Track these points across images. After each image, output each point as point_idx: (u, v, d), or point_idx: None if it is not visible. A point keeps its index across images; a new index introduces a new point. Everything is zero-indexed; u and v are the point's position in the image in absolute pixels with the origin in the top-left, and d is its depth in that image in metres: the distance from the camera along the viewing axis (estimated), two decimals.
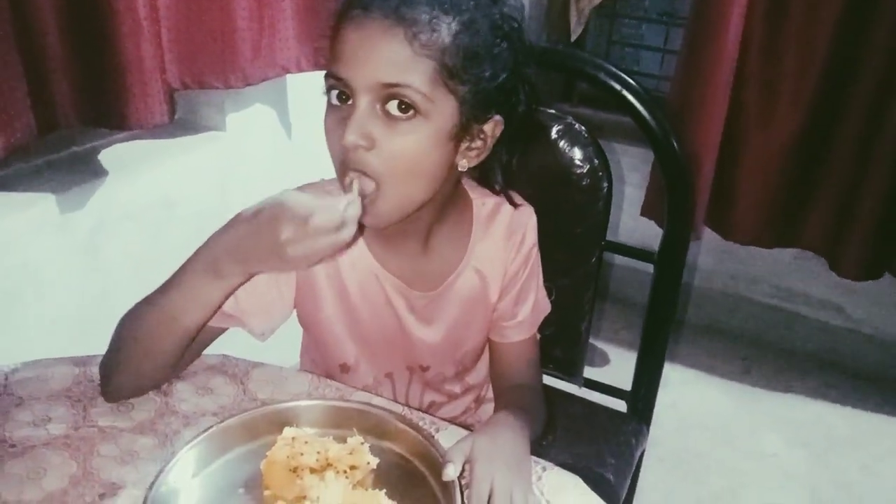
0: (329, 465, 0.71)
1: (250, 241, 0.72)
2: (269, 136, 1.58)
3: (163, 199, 1.36)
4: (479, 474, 0.70)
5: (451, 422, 0.85)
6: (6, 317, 1.13)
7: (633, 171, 2.20)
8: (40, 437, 0.77)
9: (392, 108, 0.74)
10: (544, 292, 1.02)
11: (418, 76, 0.73)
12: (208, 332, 0.85)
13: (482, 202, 0.94)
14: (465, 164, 0.83)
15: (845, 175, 1.82)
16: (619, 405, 1.28)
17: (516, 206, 0.95)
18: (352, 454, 0.72)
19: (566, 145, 1.09)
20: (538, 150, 1.08)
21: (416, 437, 0.76)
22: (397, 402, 0.90)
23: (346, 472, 0.70)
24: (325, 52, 0.80)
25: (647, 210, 2.02)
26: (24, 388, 0.83)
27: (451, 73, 0.74)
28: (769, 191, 1.92)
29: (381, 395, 0.92)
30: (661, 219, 1.15)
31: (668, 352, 1.22)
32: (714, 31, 1.74)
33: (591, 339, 1.23)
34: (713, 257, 2.30)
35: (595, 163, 1.09)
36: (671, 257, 1.15)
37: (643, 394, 1.25)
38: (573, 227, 1.13)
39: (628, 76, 1.06)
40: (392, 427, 0.77)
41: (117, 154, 1.33)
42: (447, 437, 0.79)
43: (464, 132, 0.79)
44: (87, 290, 1.25)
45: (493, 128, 0.82)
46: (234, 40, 1.28)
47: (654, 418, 1.27)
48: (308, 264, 0.74)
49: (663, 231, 1.14)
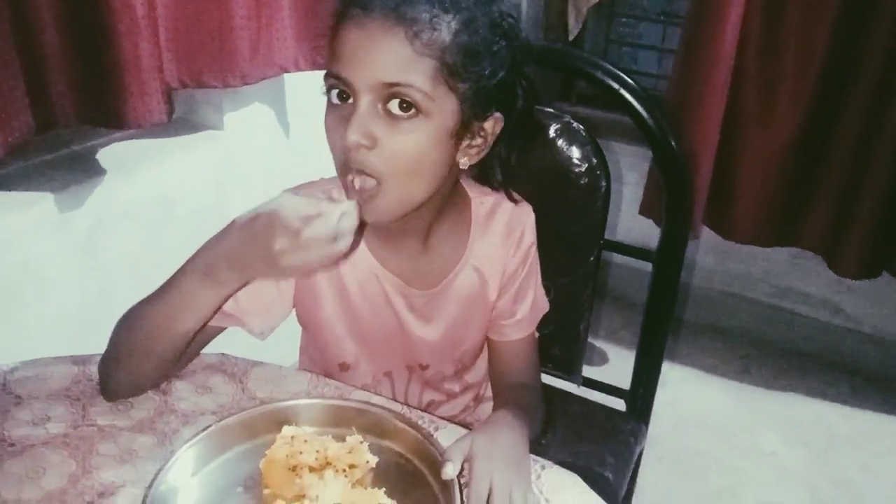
0: (328, 463, 0.71)
1: (245, 248, 0.71)
2: (267, 136, 1.58)
3: (161, 197, 1.36)
4: (478, 473, 0.70)
5: (450, 420, 0.85)
6: (5, 316, 1.13)
7: (631, 171, 2.20)
8: (39, 435, 0.77)
9: (393, 107, 0.74)
10: (542, 291, 1.02)
11: (419, 75, 0.73)
12: (207, 332, 0.85)
13: (481, 201, 0.94)
14: (465, 162, 0.83)
15: (844, 174, 1.82)
16: (618, 404, 1.28)
17: (516, 202, 0.95)
18: (351, 453, 0.72)
19: (564, 144, 1.09)
20: (537, 149, 1.08)
21: (415, 436, 0.76)
22: (396, 400, 0.90)
23: (345, 470, 0.71)
24: (324, 51, 0.80)
25: (646, 209, 2.02)
26: (24, 386, 0.83)
27: (451, 71, 0.74)
28: (768, 190, 1.92)
29: (381, 394, 0.92)
30: (660, 218, 1.15)
31: (667, 351, 1.23)
32: (712, 30, 1.74)
33: (589, 338, 1.23)
34: (712, 256, 2.30)
35: (593, 162, 1.09)
36: (670, 256, 1.15)
37: (642, 393, 1.25)
38: (571, 226, 1.13)
39: (626, 75, 1.06)
40: (391, 426, 0.77)
41: (115, 153, 1.33)
42: (446, 436, 0.79)
43: (464, 130, 0.79)
44: (85, 288, 1.25)
45: (493, 125, 0.82)
46: (233, 39, 1.28)
47: (653, 417, 1.27)
48: (304, 273, 0.73)
49: (662, 230, 1.14)
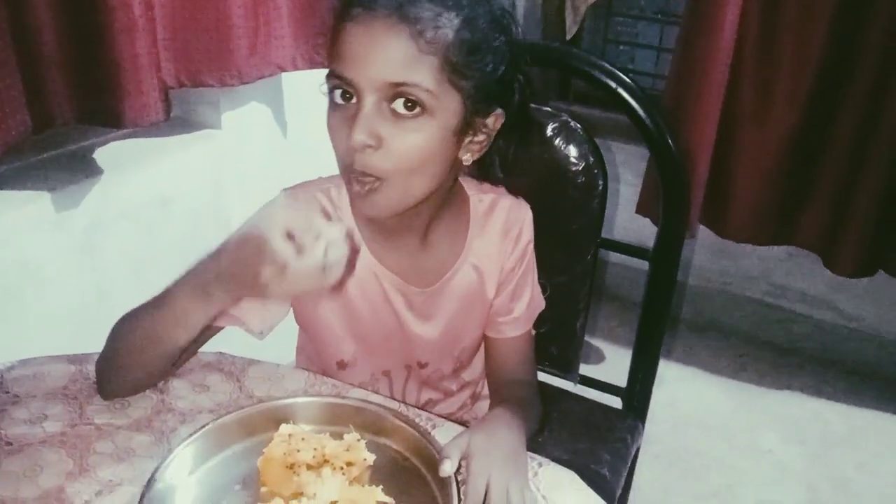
0: (326, 461, 0.71)
1: (235, 269, 0.70)
2: (264, 134, 1.58)
3: (158, 196, 1.36)
4: (476, 470, 0.70)
5: (448, 418, 0.85)
6: (2, 315, 1.13)
7: (628, 169, 2.20)
8: (37, 434, 0.77)
9: (398, 106, 0.74)
10: (539, 289, 1.02)
11: (424, 74, 0.73)
12: (206, 331, 0.85)
13: (479, 198, 0.94)
14: (468, 158, 0.83)
15: (840, 173, 1.82)
16: (615, 402, 1.28)
17: (515, 195, 0.95)
18: (348, 451, 0.72)
19: (562, 143, 1.09)
20: (534, 148, 1.09)
21: (412, 434, 0.76)
22: (394, 399, 0.90)
23: (342, 468, 0.71)
24: (322, 50, 0.80)
25: (643, 208, 2.02)
26: (21, 385, 0.83)
27: (455, 69, 0.74)
28: (764, 188, 1.92)
29: (379, 393, 0.92)
30: (656, 217, 1.15)
31: (664, 349, 1.23)
32: (709, 29, 1.75)
33: (586, 337, 1.23)
34: (708, 255, 2.30)
35: (590, 160, 1.09)
36: (666, 254, 1.15)
37: (638, 391, 1.25)
38: (569, 224, 1.13)
39: (624, 74, 1.06)
40: (389, 423, 0.77)
41: (113, 152, 1.33)
42: (443, 434, 0.79)
43: (467, 127, 0.79)
44: (82, 287, 1.25)
45: (494, 121, 0.82)
46: (230, 38, 1.28)
47: (650, 416, 1.27)
48: (293, 298, 0.72)
49: (658, 228, 1.15)
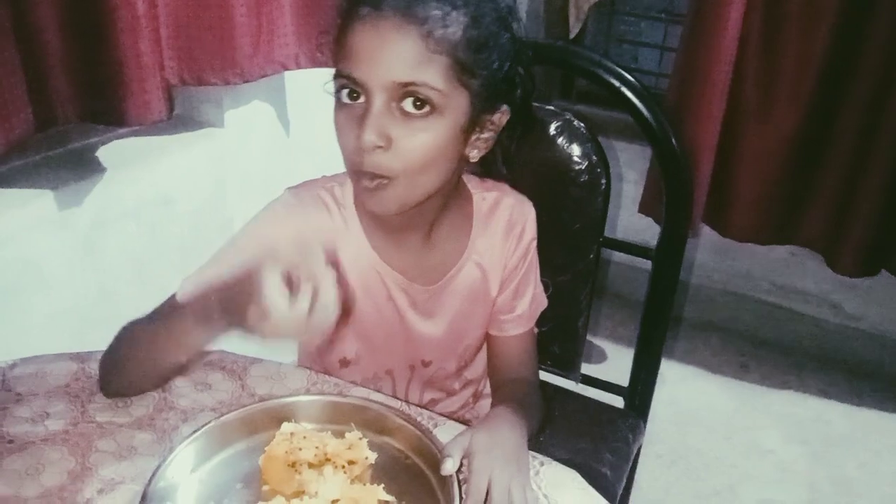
0: (327, 460, 0.71)
1: (235, 299, 0.67)
2: (267, 133, 1.58)
3: (161, 195, 1.36)
4: (478, 468, 0.70)
5: (449, 417, 0.85)
6: (5, 313, 1.13)
7: (630, 169, 2.20)
8: (39, 432, 0.77)
9: (407, 105, 0.74)
10: (541, 287, 1.02)
11: (433, 73, 0.73)
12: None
13: (482, 196, 0.94)
14: (475, 155, 0.83)
15: (843, 172, 1.82)
16: (617, 401, 1.28)
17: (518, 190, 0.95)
18: (350, 449, 0.72)
19: (565, 142, 1.09)
20: (537, 147, 1.09)
21: (414, 432, 0.76)
22: (397, 398, 0.90)
23: (344, 466, 0.71)
24: (326, 48, 0.80)
25: (645, 207, 2.02)
26: (23, 383, 0.84)
27: (463, 67, 0.74)
28: (767, 188, 1.91)
29: (381, 392, 0.92)
30: (659, 216, 1.15)
31: (666, 348, 1.23)
32: (712, 29, 1.74)
33: (588, 336, 1.23)
34: (711, 254, 2.30)
35: (594, 159, 1.09)
36: (669, 254, 1.15)
37: (640, 390, 1.25)
38: (571, 223, 1.13)
39: (627, 73, 1.06)
40: (390, 422, 0.77)
41: (115, 150, 1.33)
42: (445, 433, 0.79)
43: (474, 124, 0.80)
44: (85, 286, 1.25)
45: (500, 118, 0.83)
46: (233, 37, 1.28)
47: (652, 415, 1.27)
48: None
49: (661, 227, 1.14)
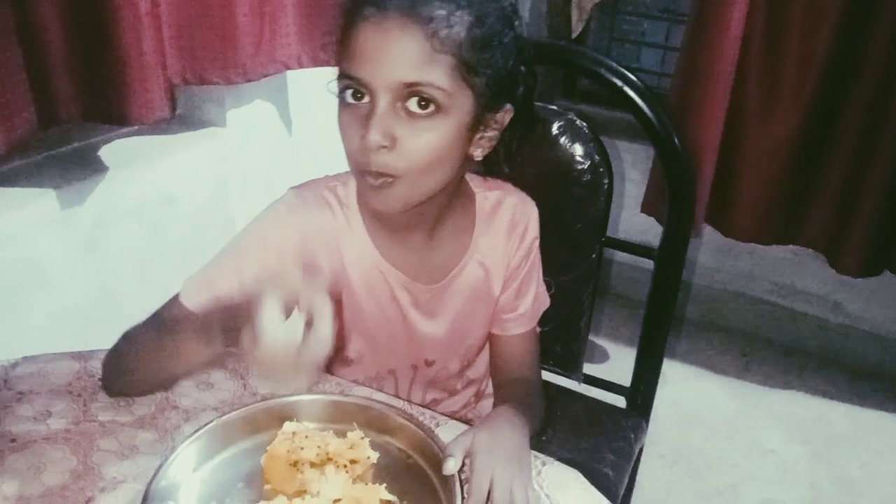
0: (329, 459, 0.71)
1: (232, 322, 0.66)
2: (269, 132, 1.58)
3: (163, 194, 1.36)
4: (479, 468, 0.70)
5: (451, 416, 0.85)
6: (7, 312, 1.14)
7: (633, 169, 2.20)
8: (41, 431, 0.77)
9: (412, 105, 0.74)
10: (544, 286, 1.02)
11: (438, 73, 0.73)
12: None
13: (485, 196, 0.94)
14: (479, 154, 0.84)
15: (845, 172, 1.82)
16: (619, 401, 1.28)
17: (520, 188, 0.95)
18: (352, 448, 0.72)
19: (567, 141, 1.09)
20: (540, 146, 1.08)
21: (416, 432, 0.76)
22: (399, 398, 0.90)
23: (346, 466, 0.71)
24: (328, 48, 0.80)
25: (647, 207, 2.02)
26: (25, 382, 0.84)
27: (468, 66, 0.74)
28: (769, 188, 1.91)
29: (383, 391, 0.92)
30: (661, 216, 1.15)
31: (668, 348, 1.23)
32: (715, 28, 1.74)
33: (590, 336, 1.23)
34: (713, 254, 2.30)
35: (596, 159, 1.09)
36: (671, 253, 1.15)
37: (642, 390, 1.25)
38: (573, 222, 1.13)
39: (629, 72, 1.06)
40: (392, 422, 0.77)
41: (118, 150, 1.33)
42: (447, 432, 0.79)
43: (478, 123, 0.80)
44: (87, 285, 1.25)
45: (503, 116, 0.83)
46: (235, 36, 1.28)
47: (654, 415, 1.27)
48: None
49: (664, 227, 1.14)
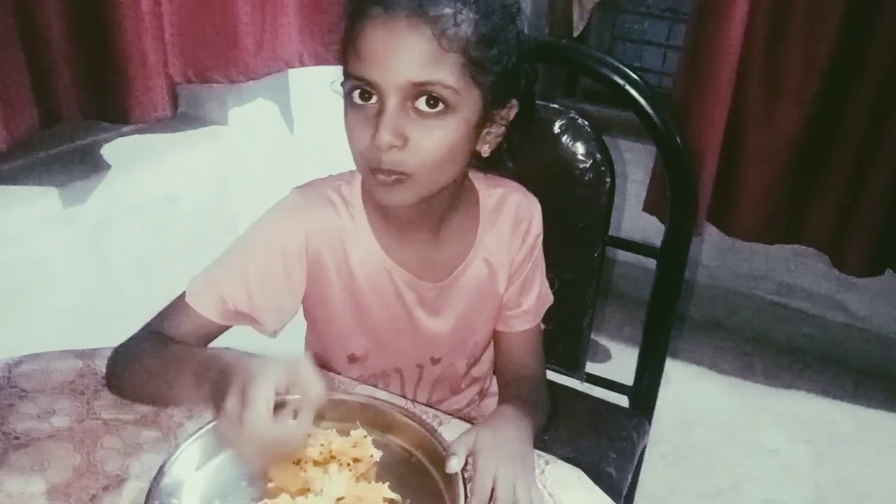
0: (332, 457, 0.71)
1: (220, 386, 0.65)
2: (271, 131, 1.58)
3: (165, 193, 1.36)
4: (483, 466, 0.70)
5: (454, 415, 0.85)
6: (10, 310, 1.14)
7: (635, 168, 2.19)
8: (44, 429, 0.77)
9: (421, 104, 0.74)
10: (547, 284, 1.02)
11: (447, 72, 0.73)
12: (215, 330, 0.85)
13: (488, 193, 0.94)
14: (486, 150, 0.84)
15: (848, 171, 1.81)
16: (621, 400, 1.28)
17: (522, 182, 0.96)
18: (355, 447, 0.72)
19: (569, 140, 1.09)
20: (542, 145, 1.08)
21: (419, 430, 0.76)
22: (405, 396, 0.90)
23: (349, 464, 0.71)
24: (330, 47, 0.80)
25: (650, 206, 2.02)
26: (28, 380, 0.84)
27: (475, 64, 0.75)
28: (772, 187, 1.91)
29: (389, 390, 0.92)
30: (664, 215, 1.15)
31: (670, 348, 1.23)
32: (717, 27, 1.74)
33: (593, 335, 1.23)
34: (715, 254, 2.30)
35: (598, 158, 1.09)
36: (674, 253, 1.14)
37: (645, 389, 1.25)
38: (576, 221, 1.13)
39: (631, 71, 1.06)
40: (395, 420, 0.77)
41: (120, 148, 1.33)
42: (450, 431, 0.79)
43: (485, 119, 0.80)
44: (90, 283, 1.25)
45: (508, 112, 0.83)
46: (237, 35, 1.28)
47: (656, 414, 1.27)
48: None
49: (666, 226, 1.14)
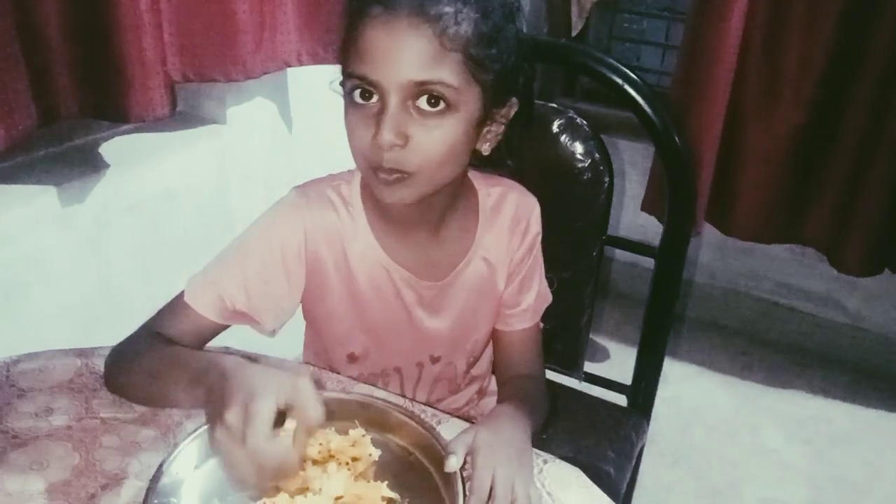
0: (331, 456, 0.71)
1: (216, 392, 0.65)
2: (269, 130, 1.58)
3: (164, 191, 1.36)
4: (481, 465, 0.71)
5: (453, 414, 0.85)
6: (9, 309, 1.14)
7: (633, 167, 2.20)
8: (43, 428, 0.77)
9: (422, 103, 0.74)
10: (546, 282, 1.02)
11: (448, 71, 0.73)
12: (214, 329, 0.85)
13: (487, 192, 0.94)
14: (487, 149, 0.84)
15: (846, 170, 1.82)
16: (620, 400, 1.28)
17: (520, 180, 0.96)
18: (354, 446, 0.72)
19: (567, 139, 1.09)
20: (540, 144, 1.08)
21: (417, 429, 0.76)
22: (404, 395, 0.90)
23: (348, 463, 0.71)
24: (329, 46, 0.80)
25: (648, 206, 2.02)
26: (27, 379, 0.84)
27: (476, 63, 0.75)
28: (770, 186, 1.91)
29: (388, 389, 0.92)
30: (662, 214, 1.15)
31: (669, 347, 1.23)
32: (715, 27, 1.74)
33: (591, 334, 1.23)
34: (713, 253, 2.30)
35: (596, 157, 1.09)
36: (672, 252, 1.14)
37: (643, 388, 1.25)
38: (574, 220, 1.13)
39: (630, 70, 1.06)
40: (394, 419, 0.77)
41: (118, 147, 1.33)
42: (449, 430, 0.79)
43: (486, 118, 0.80)
44: (88, 282, 1.25)
45: (508, 110, 0.83)
46: (236, 33, 1.28)
47: (654, 414, 1.27)
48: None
49: (664, 225, 1.14)
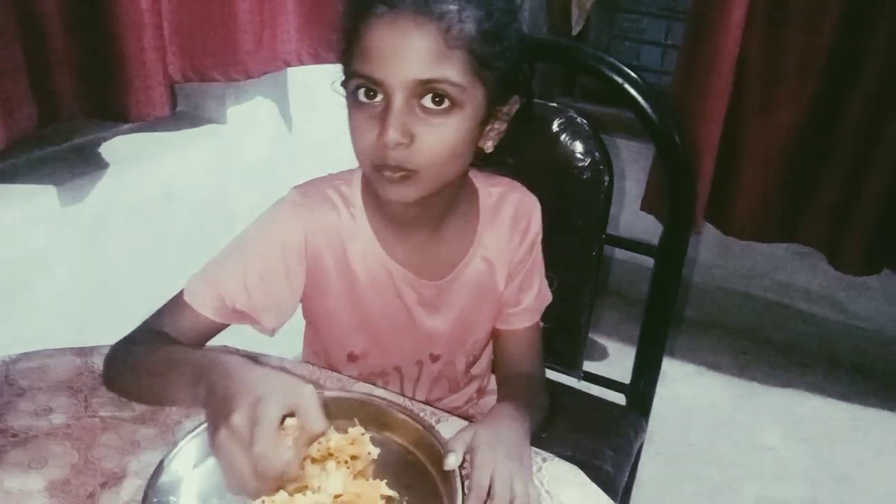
0: (330, 455, 0.71)
1: (217, 393, 0.64)
2: (269, 129, 1.58)
3: (164, 191, 1.36)
4: (480, 463, 0.71)
5: (452, 412, 0.85)
6: (8, 307, 1.14)
7: (633, 167, 2.20)
8: (42, 426, 0.77)
9: (426, 101, 0.74)
10: (546, 282, 1.03)
11: (452, 69, 0.73)
12: (213, 328, 0.85)
13: (488, 191, 0.95)
14: (490, 146, 0.84)
15: (845, 170, 1.82)
16: (619, 398, 1.28)
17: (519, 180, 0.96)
18: (353, 444, 0.72)
19: (567, 139, 1.09)
20: (540, 144, 1.09)
21: (416, 428, 0.76)
22: (404, 394, 0.90)
23: (347, 462, 0.71)
24: (329, 45, 0.80)
25: (647, 205, 2.02)
26: (26, 378, 0.84)
27: (480, 61, 0.75)
28: (769, 185, 1.91)
29: (388, 388, 0.92)
30: (661, 214, 1.15)
31: (668, 346, 1.23)
32: (715, 26, 1.74)
33: (590, 333, 1.23)
34: (713, 252, 2.30)
35: (596, 156, 1.09)
36: (671, 251, 1.15)
37: (642, 387, 1.25)
38: (574, 220, 1.13)
39: (630, 70, 1.06)
40: (393, 417, 0.78)
41: (118, 146, 1.33)
42: (448, 428, 0.80)
43: (489, 116, 0.81)
44: (88, 281, 1.25)
45: (510, 108, 0.83)
46: (236, 33, 1.28)
47: (653, 412, 1.27)
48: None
49: (664, 225, 1.14)
